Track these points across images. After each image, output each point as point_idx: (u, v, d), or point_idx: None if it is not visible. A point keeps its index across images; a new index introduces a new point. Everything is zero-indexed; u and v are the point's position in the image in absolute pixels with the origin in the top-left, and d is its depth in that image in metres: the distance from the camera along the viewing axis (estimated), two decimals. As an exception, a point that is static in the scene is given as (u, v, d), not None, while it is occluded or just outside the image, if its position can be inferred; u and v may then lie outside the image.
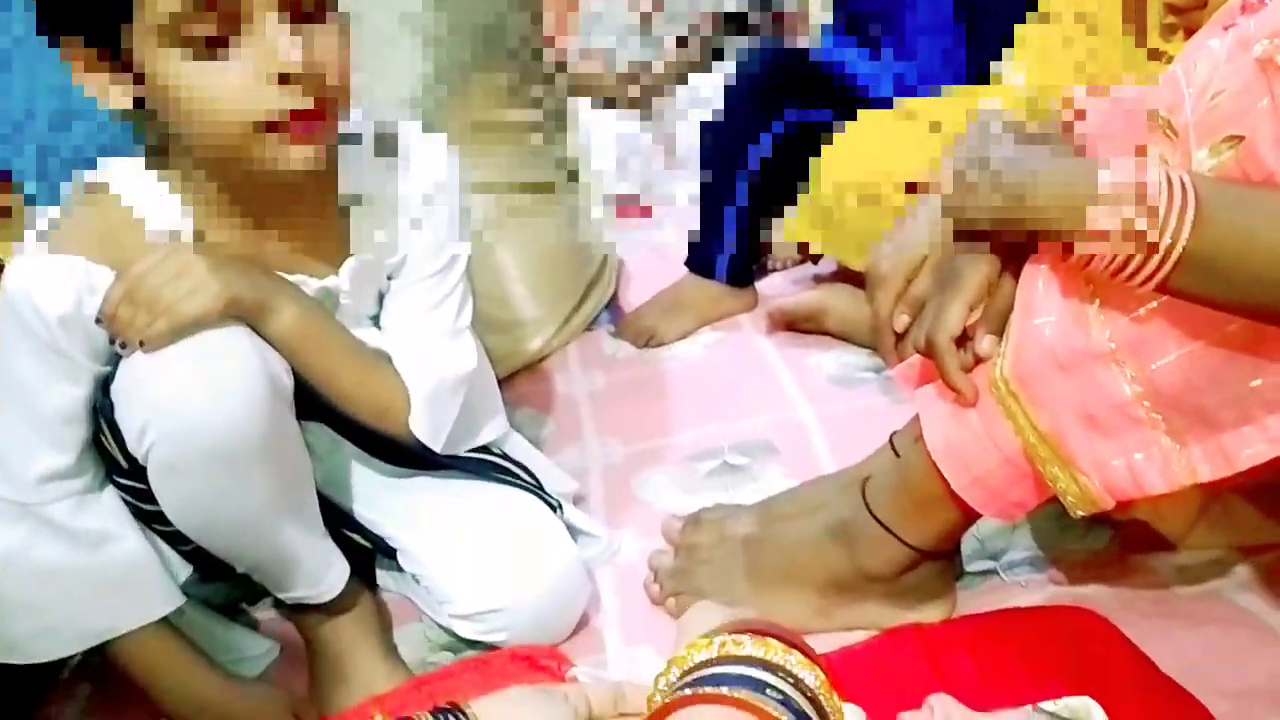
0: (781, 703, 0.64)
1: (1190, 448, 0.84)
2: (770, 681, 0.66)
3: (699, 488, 1.34)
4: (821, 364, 1.58)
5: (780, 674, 0.67)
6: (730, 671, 0.67)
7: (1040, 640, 0.93)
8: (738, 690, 0.65)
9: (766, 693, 0.65)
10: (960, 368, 0.94)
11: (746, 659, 0.67)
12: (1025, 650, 0.93)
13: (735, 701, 0.63)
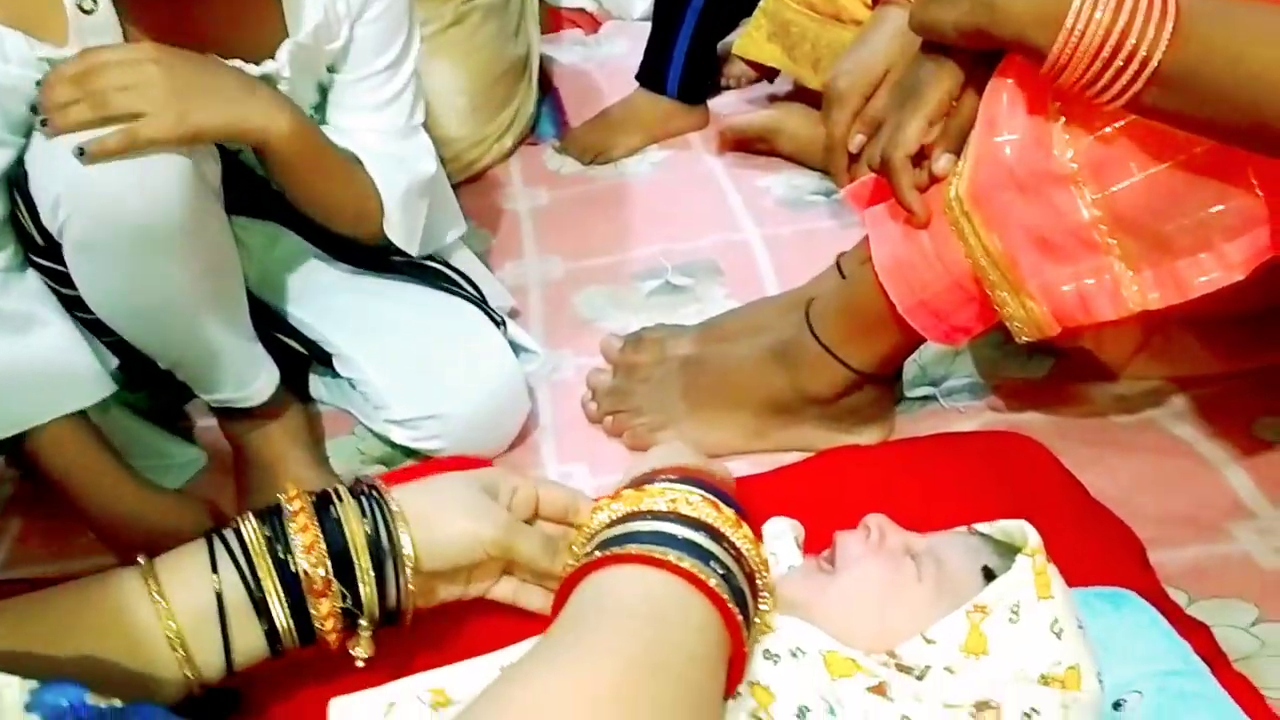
0: (724, 578, 0.61)
1: (1143, 274, 0.82)
2: (716, 553, 0.63)
3: (641, 307, 1.32)
4: (771, 186, 1.54)
5: (725, 545, 0.64)
6: (678, 533, 0.63)
7: (976, 464, 0.93)
8: (685, 558, 0.61)
9: (711, 564, 0.61)
10: (914, 186, 0.91)
11: (696, 521, 0.64)
12: (961, 473, 0.93)
13: (681, 571, 0.60)
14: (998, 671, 0.62)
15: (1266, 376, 1.03)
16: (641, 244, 1.44)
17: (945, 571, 0.67)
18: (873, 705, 0.63)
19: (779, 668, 0.64)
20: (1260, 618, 0.80)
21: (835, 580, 0.69)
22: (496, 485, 0.75)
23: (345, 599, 0.67)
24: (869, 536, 0.71)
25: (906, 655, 0.64)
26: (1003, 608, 0.64)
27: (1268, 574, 0.84)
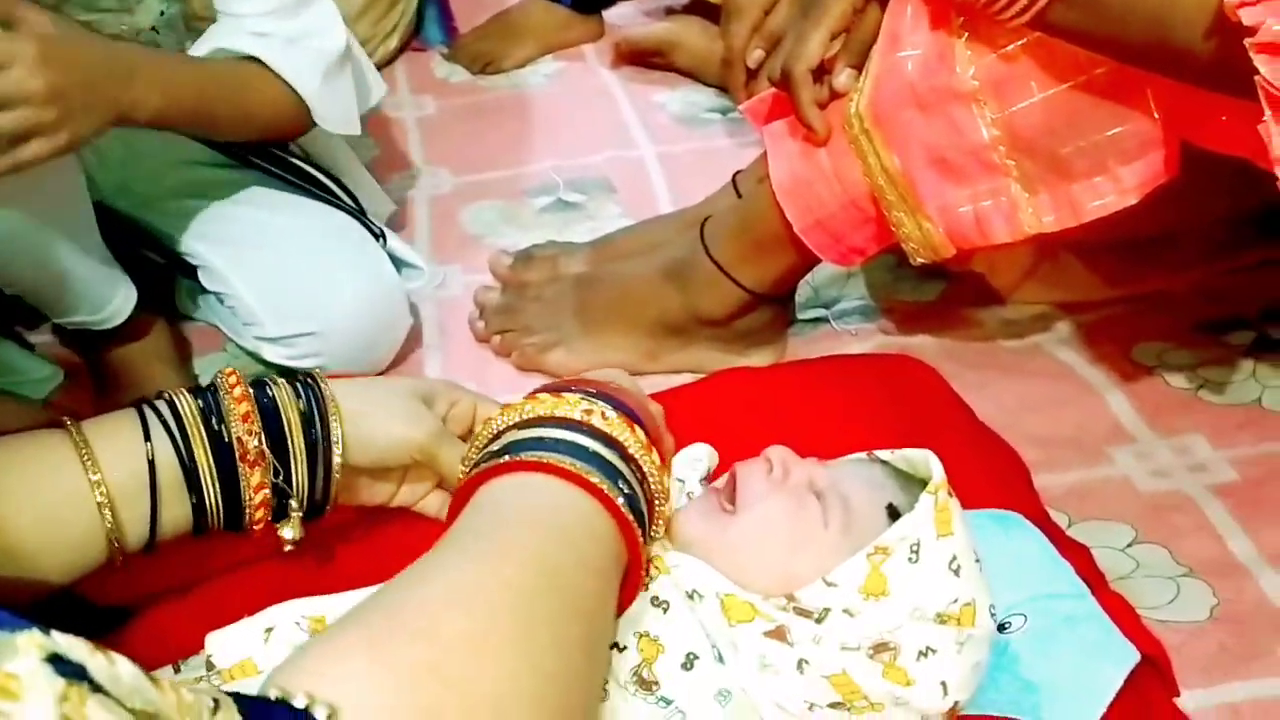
0: (628, 498, 0.59)
1: (1039, 196, 0.82)
2: (624, 473, 0.60)
3: (531, 224, 1.27)
4: (666, 101, 1.50)
5: (633, 467, 0.61)
6: (589, 446, 0.60)
7: (868, 387, 0.93)
8: (594, 473, 0.58)
9: (618, 484, 0.59)
10: (815, 102, 0.89)
11: (608, 437, 0.61)
12: (853, 396, 0.92)
13: (590, 486, 0.57)
14: (896, 612, 0.61)
15: (1148, 302, 1.05)
16: (533, 159, 1.39)
17: (851, 512, 0.65)
18: (770, 649, 0.61)
19: (669, 615, 0.62)
20: (1137, 539, 0.82)
21: (737, 521, 0.65)
22: (435, 395, 0.72)
23: (278, 474, 0.66)
24: (771, 472, 0.67)
25: (806, 599, 0.62)
26: (904, 548, 0.62)
27: (1144, 497, 0.86)
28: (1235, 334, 1.01)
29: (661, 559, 0.64)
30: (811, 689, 0.61)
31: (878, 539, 0.62)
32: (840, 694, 0.61)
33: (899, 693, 0.61)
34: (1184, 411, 0.94)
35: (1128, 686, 0.66)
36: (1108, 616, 0.70)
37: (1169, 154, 0.78)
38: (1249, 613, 0.76)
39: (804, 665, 0.61)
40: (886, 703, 0.61)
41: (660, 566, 0.64)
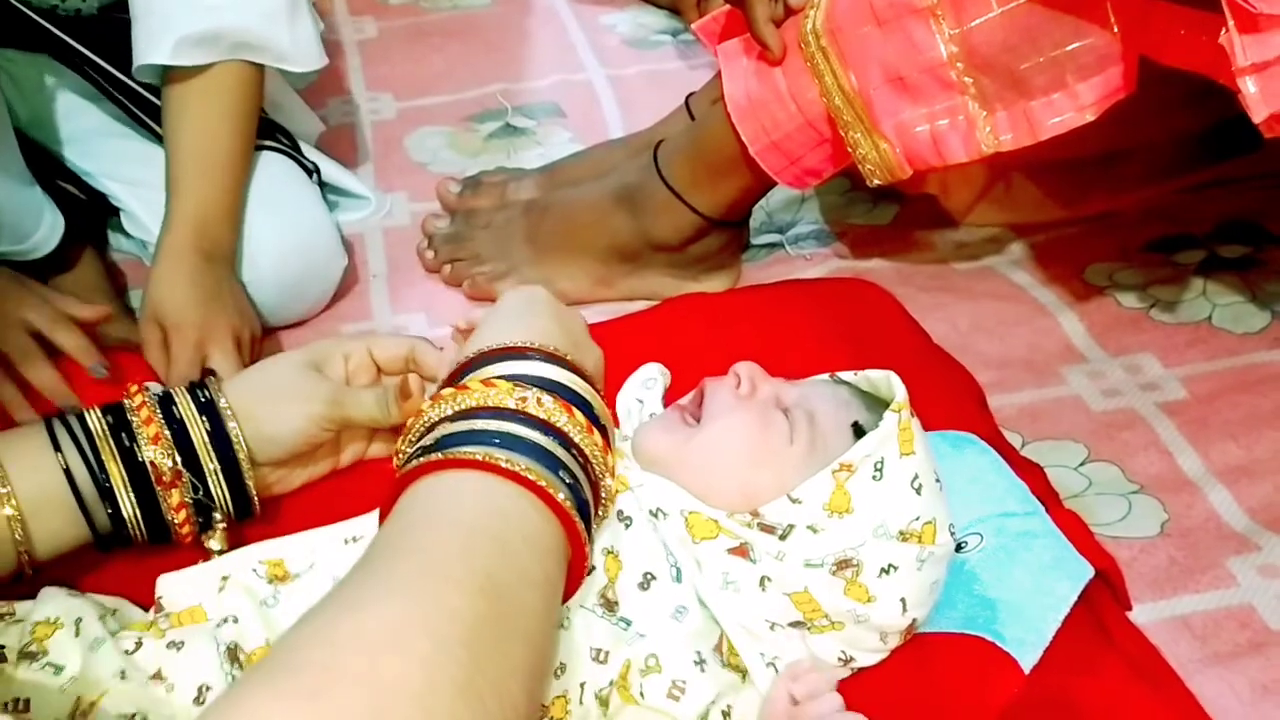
0: (571, 488, 0.55)
1: (996, 115, 0.81)
2: (565, 461, 0.56)
3: (479, 150, 1.24)
4: (616, 23, 1.47)
5: (575, 451, 0.57)
6: (526, 436, 0.56)
7: (823, 311, 0.92)
8: (534, 467, 0.54)
9: (560, 474, 0.55)
10: (770, 19, 0.87)
11: (545, 424, 0.57)
12: (808, 320, 0.91)
13: (528, 483, 0.53)
14: (860, 529, 0.61)
15: (1100, 223, 1.05)
16: (479, 83, 1.35)
17: (816, 429, 0.64)
18: (733, 566, 0.61)
19: (631, 531, 0.62)
20: (1089, 457, 0.83)
21: (702, 433, 0.65)
22: (326, 357, 0.71)
23: (196, 490, 0.66)
24: (739, 386, 0.66)
25: (770, 515, 0.62)
26: (868, 465, 0.62)
27: (1096, 415, 0.86)
28: (1185, 253, 1.01)
29: (624, 477, 0.64)
30: (773, 607, 0.61)
31: (843, 456, 0.62)
32: (801, 612, 0.61)
33: (859, 610, 0.61)
34: (1135, 331, 0.94)
35: (1081, 601, 0.67)
36: (1062, 534, 0.70)
37: (1127, 69, 0.77)
38: (1198, 527, 0.77)
39: (766, 582, 0.61)
40: (847, 621, 0.61)
41: (624, 483, 0.63)
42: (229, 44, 0.92)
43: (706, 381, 0.68)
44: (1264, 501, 0.79)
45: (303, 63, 0.97)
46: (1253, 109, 0.64)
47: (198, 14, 0.91)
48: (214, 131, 0.93)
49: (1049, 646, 0.64)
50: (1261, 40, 0.61)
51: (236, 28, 0.92)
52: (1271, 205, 1.02)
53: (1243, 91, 0.63)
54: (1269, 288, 0.97)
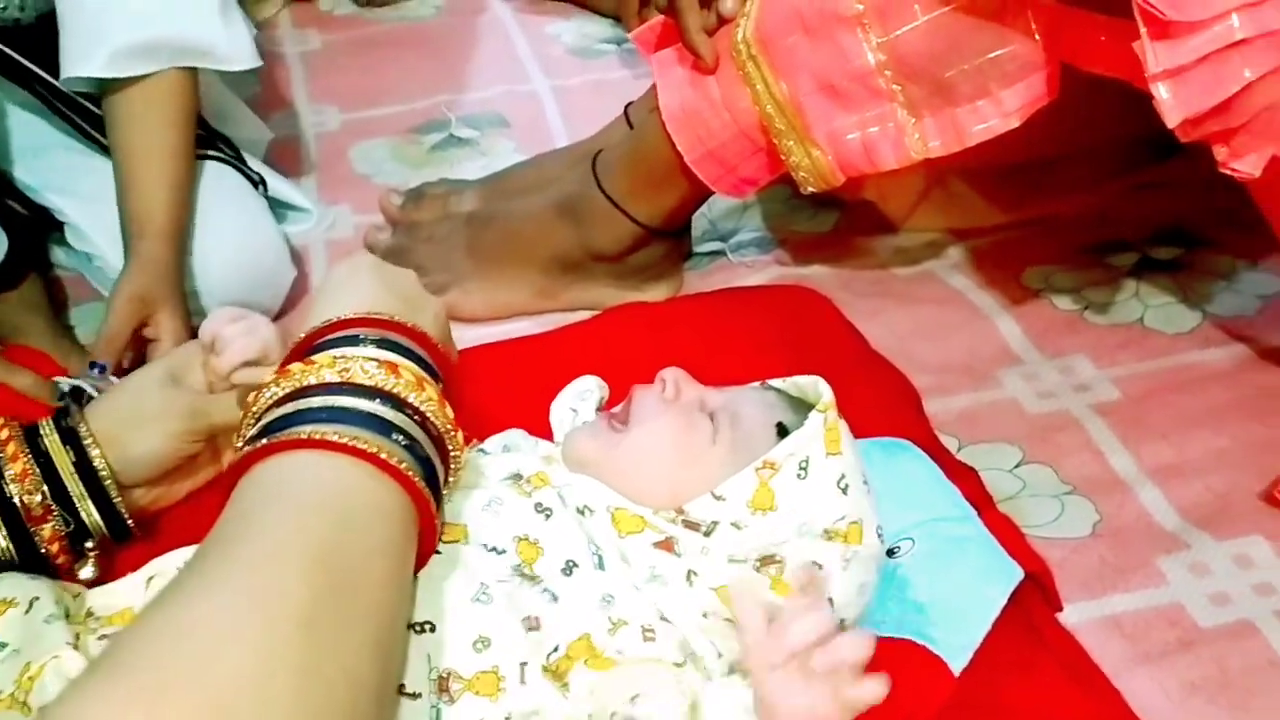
0: (408, 448, 0.54)
1: (925, 121, 0.82)
2: (398, 423, 0.54)
3: (423, 161, 1.24)
4: (560, 33, 1.47)
5: (409, 411, 0.56)
6: (354, 406, 0.54)
7: (762, 318, 0.93)
8: (363, 435, 0.52)
9: (394, 437, 0.54)
10: (702, 28, 0.87)
11: (373, 389, 0.55)
12: (747, 328, 0.92)
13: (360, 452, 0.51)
14: (783, 526, 0.62)
15: (1037, 226, 1.06)
16: (423, 94, 1.35)
17: (740, 428, 0.65)
18: (659, 560, 0.62)
19: (551, 521, 0.62)
20: (1023, 459, 0.84)
21: (627, 437, 0.66)
22: (186, 365, 0.70)
23: (68, 524, 0.66)
24: (664, 390, 0.67)
25: (694, 511, 0.63)
26: (792, 464, 0.63)
27: (1032, 418, 0.87)
28: (1119, 255, 1.02)
29: (545, 474, 0.64)
30: (700, 600, 0.61)
31: (767, 454, 0.63)
32: (729, 609, 0.61)
33: (785, 606, 0.61)
34: (1069, 332, 0.95)
35: (1012, 604, 0.67)
36: (993, 537, 0.71)
37: (1050, 76, 0.78)
38: (1129, 527, 0.78)
39: (692, 576, 0.61)
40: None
41: (544, 479, 0.64)
42: (167, 52, 0.92)
43: (635, 389, 0.69)
44: (1194, 500, 0.80)
45: (240, 62, 0.97)
46: (1167, 115, 0.65)
47: (131, 23, 0.90)
48: (159, 138, 0.92)
49: (979, 649, 0.65)
50: (1173, 46, 0.62)
51: (172, 35, 0.92)
52: (1203, 208, 1.03)
53: (1157, 97, 0.64)
54: (1199, 288, 0.98)
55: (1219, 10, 0.61)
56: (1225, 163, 0.68)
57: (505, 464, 0.66)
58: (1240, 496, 0.79)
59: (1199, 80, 0.63)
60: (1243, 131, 0.66)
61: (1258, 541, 0.76)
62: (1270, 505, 0.78)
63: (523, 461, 0.67)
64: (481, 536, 0.61)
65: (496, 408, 0.81)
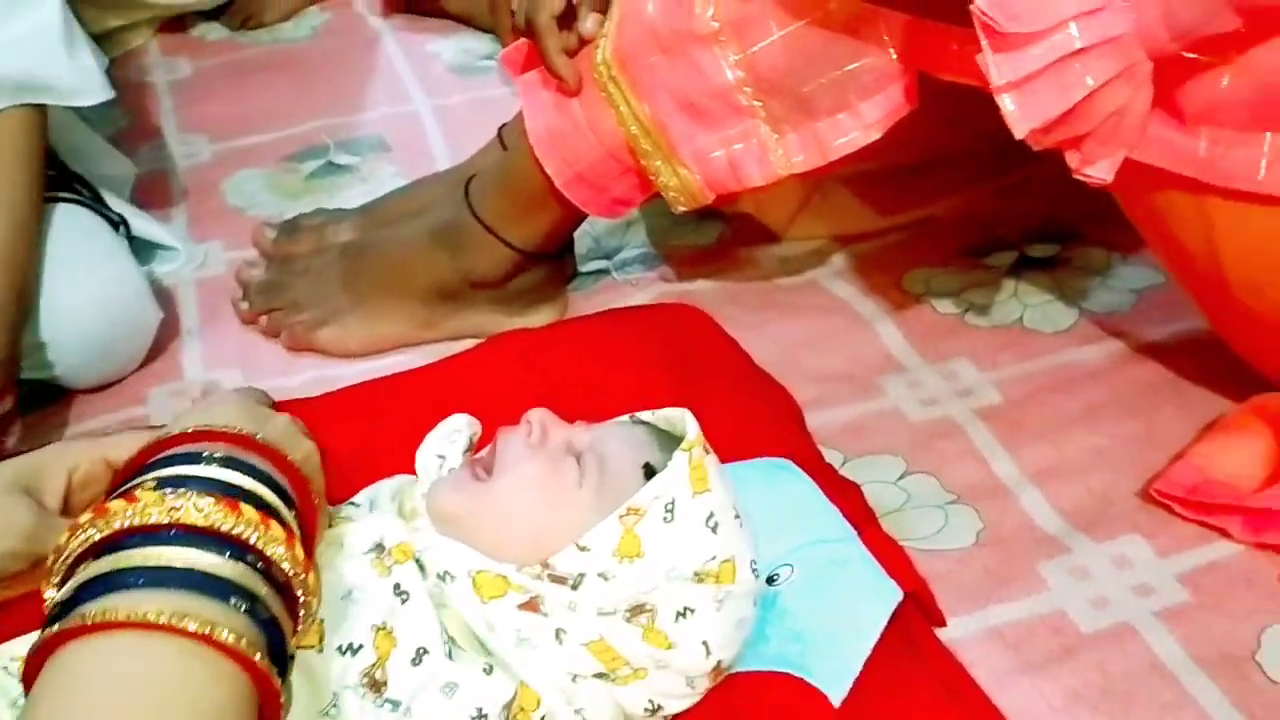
0: (248, 612, 0.47)
1: (787, 136, 0.81)
2: (235, 580, 0.47)
3: (300, 191, 1.21)
4: (441, 51, 1.44)
5: (251, 558, 0.49)
6: (181, 563, 0.47)
7: (643, 339, 0.91)
8: (190, 612, 0.45)
9: (231, 601, 0.47)
10: (563, 51, 0.85)
11: (207, 533, 0.48)
12: (629, 351, 0.90)
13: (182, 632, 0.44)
14: (651, 573, 0.60)
15: (917, 229, 1.06)
16: (299, 120, 1.31)
17: (607, 472, 0.63)
18: (525, 623, 0.59)
19: (408, 606, 0.59)
20: (907, 470, 0.83)
21: (491, 488, 0.63)
22: (44, 472, 0.61)
23: None
24: (530, 435, 0.65)
25: (560, 565, 0.60)
26: (658, 507, 0.61)
27: (915, 426, 0.87)
28: (997, 255, 1.03)
29: (408, 544, 0.62)
30: (571, 659, 0.60)
31: (630, 500, 0.61)
32: (601, 662, 0.60)
33: (660, 656, 0.60)
34: (951, 336, 0.95)
35: (893, 624, 0.67)
36: (873, 557, 0.70)
37: (908, 86, 0.78)
38: (1011, 534, 0.78)
39: (561, 635, 0.60)
40: (649, 667, 0.60)
41: (405, 552, 0.61)
42: (10, 88, 0.88)
43: (500, 432, 0.66)
44: (1075, 502, 0.80)
45: (88, 96, 0.93)
46: (1014, 126, 0.65)
47: None
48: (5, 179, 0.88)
49: (860, 674, 0.64)
50: (1014, 58, 0.62)
51: (15, 70, 0.88)
52: (1078, 202, 1.03)
53: (1003, 109, 0.64)
54: (1076, 285, 0.99)
55: (1057, 20, 0.61)
56: (1078, 169, 0.68)
57: (369, 532, 0.63)
58: (1119, 496, 0.80)
59: (1043, 90, 0.63)
60: (1091, 138, 0.66)
61: (1136, 541, 0.77)
62: (1148, 503, 0.79)
63: (386, 528, 0.63)
64: (338, 636, 0.58)
65: (374, 450, 0.79)
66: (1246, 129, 0.69)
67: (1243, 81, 0.67)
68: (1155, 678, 0.68)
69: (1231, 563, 0.75)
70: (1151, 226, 0.81)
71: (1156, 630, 0.71)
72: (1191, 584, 0.74)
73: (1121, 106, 0.65)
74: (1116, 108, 0.65)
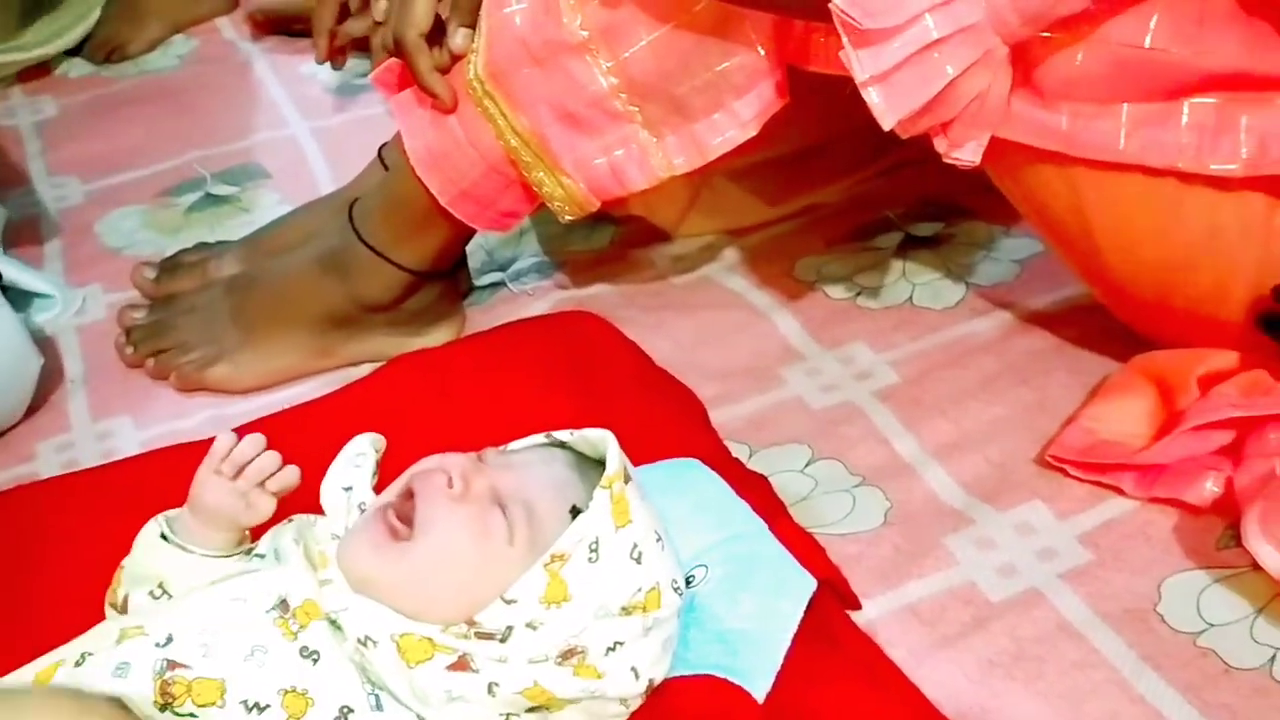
0: None
1: (666, 139, 0.82)
2: None
3: (180, 226, 1.18)
4: (316, 71, 1.41)
5: None
6: None
7: (542, 350, 0.91)
8: None
9: None
10: (435, 68, 0.85)
11: None
12: (529, 363, 0.90)
13: None
14: (580, 615, 0.59)
15: (805, 217, 1.08)
16: (173, 153, 1.28)
17: (535, 520, 0.61)
18: (455, 682, 0.58)
19: (320, 666, 0.58)
20: (813, 458, 0.84)
21: (416, 550, 0.60)
22: None
23: None
24: (452, 487, 0.62)
25: (487, 621, 0.59)
26: (582, 549, 0.60)
27: (817, 413, 0.88)
28: (883, 237, 1.05)
29: (313, 603, 0.60)
30: (505, 704, 0.59)
31: (554, 546, 0.60)
32: (535, 702, 0.59)
33: (593, 687, 0.60)
34: (845, 321, 0.97)
35: (810, 614, 0.68)
36: (784, 548, 0.71)
37: (779, 82, 0.79)
38: (918, 511, 0.80)
39: (494, 688, 0.58)
40: (582, 697, 0.60)
41: (312, 610, 0.60)
42: None
43: (415, 480, 0.63)
44: (976, 475, 0.82)
45: None
46: (881, 117, 0.66)
47: None
48: None
49: (782, 667, 0.65)
50: (875, 53, 0.63)
51: None
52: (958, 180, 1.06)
53: (869, 101, 0.65)
54: (962, 260, 1.01)
55: (912, 13, 0.62)
56: (947, 153, 0.70)
57: (271, 587, 0.61)
58: (1017, 464, 0.82)
59: (905, 82, 0.64)
60: (956, 123, 0.68)
61: (1037, 506, 0.79)
62: (1045, 468, 0.81)
63: (291, 584, 0.61)
64: (241, 692, 0.56)
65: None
66: (1104, 101, 0.71)
67: (1096, 56, 0.69)
68: (1064, 638, 0.70)
69: (1128, 519, 0.77)
70: (1025, 201, 0.83)
71: (1062, 592, 0.73)
72: (1091, 543, 0.76)
73: (982, 91, 0.66)
74: (978, 92, 0.66)
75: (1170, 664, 0.68)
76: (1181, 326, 0.81)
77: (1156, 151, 0.71)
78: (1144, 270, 0.78)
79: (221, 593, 0.61)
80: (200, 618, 0.60)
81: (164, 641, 0.58)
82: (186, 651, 0.57)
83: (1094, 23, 0.68)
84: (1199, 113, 0.70)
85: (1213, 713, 0.66)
